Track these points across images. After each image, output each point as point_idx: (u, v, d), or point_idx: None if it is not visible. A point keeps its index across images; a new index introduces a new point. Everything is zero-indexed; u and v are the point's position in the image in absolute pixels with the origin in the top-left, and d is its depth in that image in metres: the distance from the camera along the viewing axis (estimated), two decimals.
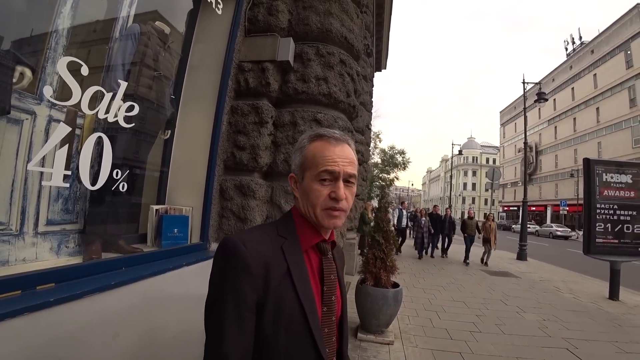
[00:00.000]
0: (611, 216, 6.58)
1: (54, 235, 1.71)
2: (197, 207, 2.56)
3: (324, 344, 0.78)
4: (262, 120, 2.74)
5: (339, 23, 2.93)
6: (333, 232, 0.91)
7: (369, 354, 3.36)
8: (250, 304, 0.73)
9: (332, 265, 0.87)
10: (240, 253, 0.74)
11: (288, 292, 0.76)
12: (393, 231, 4.25)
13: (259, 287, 0.74)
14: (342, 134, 0.87)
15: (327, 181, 0.81)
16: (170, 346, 1.97)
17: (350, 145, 0.87)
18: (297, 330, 0.75)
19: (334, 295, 0.85)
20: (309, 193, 0.82)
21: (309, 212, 0.83)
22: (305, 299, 0.77)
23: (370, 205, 9.70)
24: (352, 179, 0.83)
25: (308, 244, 0.84)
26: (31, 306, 1.20)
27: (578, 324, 4.76)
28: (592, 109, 36.40)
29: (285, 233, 0.84)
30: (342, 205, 0.81)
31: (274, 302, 0.74)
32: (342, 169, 0.81)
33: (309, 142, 0.86)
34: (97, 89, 1.67)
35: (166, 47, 2.30)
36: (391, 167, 26.95)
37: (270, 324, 0.74)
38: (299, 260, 0.81)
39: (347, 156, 0.83)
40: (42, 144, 1.52)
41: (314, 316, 0.77)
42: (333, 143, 0.83)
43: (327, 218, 0.81)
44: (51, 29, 1.58)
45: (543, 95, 13.21)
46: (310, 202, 0.82)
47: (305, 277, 0.80)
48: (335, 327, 0.86)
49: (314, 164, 0.82)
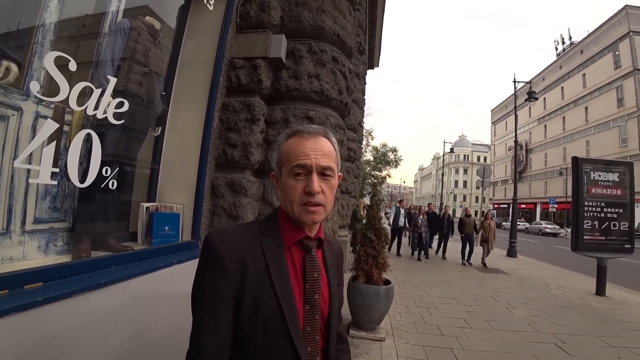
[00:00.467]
0: (598, 214, 6.71)
1: (41, 233, 1.69)
2: (189, 205, 2.54)
3: (302, 342, 0.78)
4: (253, 117, 2.73)
5: (332, 20, 2.92)
6: (321, 229, 0.90)
7: (360, 351, 3.38)
8: (226, 298, 0.75)
9: (315, 263, 0.86)
10: (217, 249, 0.77)
11: (266, 289, 0.77)
12: (386, 229, 4.26)
13: (235, 282, 0.76)
14: (320, 128, 0.87)
15: (302, 175, 0.80)
16: (161, 344, 1.96)
17: (328, 138, 0.86)
18: (274, 327, 0.76)
19: (317, 293, 0.83)
20: (286, 190, 0.82)
21: (289, 209, 0.83)
22: (284, 297, 0.77)
23: (362, 203, 9.73)
24: (327, 171, 0.82)
25: (290, 241, 0.84)
26: (19, 306, 1.18)
27: (566, 319, 4.85)
28: (581, 108, 36.98)
29: (267, 230, 0.85)
30: (318, 199, 0.79)
31: (251, 299, 0.76)
32: (315, 161, 0.80)
33: (285, 140, 0.86)
34: (85, 84, 1.64)
35: (157, 43, 2.27)
36: (383, 165, 27.10)
37: (248, 319, 0.76)
38: (279, 257, 0.81)
39: (321, 149, 0.82)
40: (29, 141, 1.48)
41: (292, 314, 0.77)
42: (306, 137, 0.83)
43: (305, 214, 0.80)
44: (38, 23, 1.54)
45: (533, 94, 13.37)
46: (288, 199, 0.82)
47: (285, 275, 0.80)
48: (320, 326, 0.84)
49: (288, 160, 0.82)
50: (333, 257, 0.97)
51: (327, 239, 0.97)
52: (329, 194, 0.83)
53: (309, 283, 0.83)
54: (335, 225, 3.36)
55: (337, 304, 0.92)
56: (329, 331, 0.87)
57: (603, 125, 33.40)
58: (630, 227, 6.74)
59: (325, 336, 0.87)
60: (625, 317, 5.12)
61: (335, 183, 0.85)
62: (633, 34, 30.09)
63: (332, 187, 0.84)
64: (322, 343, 0.86)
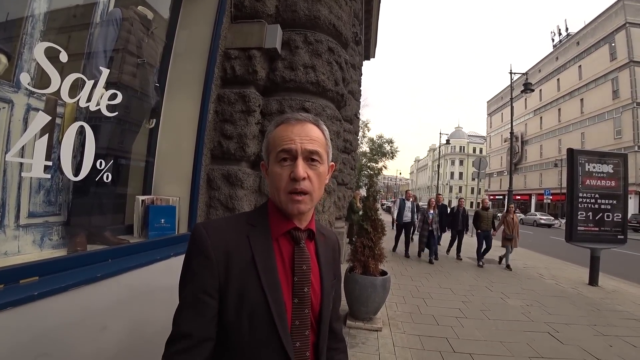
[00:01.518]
0: (592, 205, 6.79)
1: (36, 227, 1.67)
2: (184, 197, 2.53)
3: (288, 336, 0.76)
4: (249, 108, 2.70)
5: (327, 10, 2.88)
6: (312, 221, 0.88)
7: (357, 341, 3.42)
8: (209, 288, 0.75)
9: (304, 255, 0.83)
10: (201, 240, 0.77)
11: (251, 281, 0.76)
12: (382, 220, 4.27)
13: (219, 273, 0.76)
14: (309, 115, 0.85)
15: (288, 161, 0.79)
16: (158, 337, 1.96)
17: (318, 125, 0.85)
18: (260, 319, 0.75)
19: (306, 286, 0.81)
20: (272, 177, 0.81)
21: (276, 198, 0.82)
22: (269, 288, 0.76)
23: (358, 194, 9.75)
24: (314, 156, 0.80)
25: (278, 232, 0.83)
26: (14, 300, 1.17)
27: (559, 309, 4.93)
28: (576, 100, 37.10)
29: (255, 221, 0.83)
30: (303, 186, 0.77)
31: (236, 290, 0.75)
32: (300, 146, 0.78)
33: (274, 127, 0.85)
34: (77, 76, 1.61)
35: (149, 33, 2.23)
36: (379, 156, 27.14)
37: (233, 311, 0.75)
38: (266, 248, 0.80)
39: (308, 134, 0.80)
40: (20, 134, 1.46)
41: (278, 306, 0.76)
42: (293, 123, 0.82)
43: (291, 203, 0.78)
44: (27, 13, 1.51)
45: (529, 85, 13.39)
46: (275, 187, 0.80)
47: (272, 266, 0.78)
48: (310, 320, 0.82)
49: (274, 146, 0.81)
50: (328, 250, 0.94)
51: (322, 232, 0.95)
52: (316, 182, 0.81)
53: (298, 276, 0.81)
54: (332, 217, 3.37)
55: (330, 298, 0.90)
56: (320, 326, 0.85)
57: (598, 117, 33.58)
58: (624, 218, 6.83)
59: (317, 331, 0.85)
60: (617, 307, 5.21)
61: (323, 170, 0.83)
62: (629, 26, 30.07)
63: (320, 174, 0.82)
64: (312, 338, 0.83)
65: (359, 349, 3.24)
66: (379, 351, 3.22)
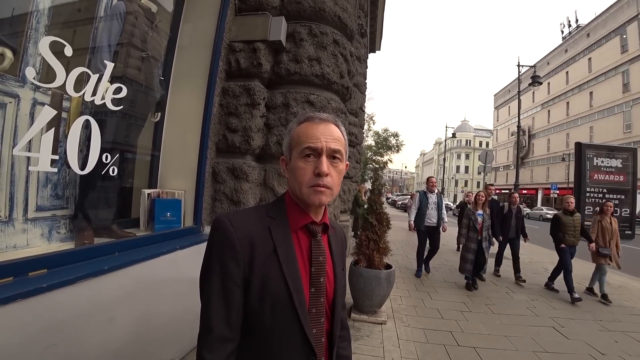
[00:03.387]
0: (600, 200, 6.71)
1: (44, 221, 1.69)
2: (190, 191, 2.55)
3: (309, 322, 0.81)
4: (254, 101, 2.69)
5: (332, 2, 2.85)
6: (326, 215, 0.92)
7: (362, 334, 3.44)
8: (236, 278, 0.78)
9: (321, 247, 0.88)
10: (226, 231, 0.80)
11: (274, 271, 0.79)
12: (388, 214, 4.26)
13: (244, 264, 0.79)
14: (330, 116, 0.89)
15: (311, 157, 0.83)
16: (165, 329, 1.99)
17: (338, 125, 0.89)
18: (282, 307, 0.78)
19: (322, 276, 0.86)
20: (295, 171, 0.84)
21: (297, 191, 0.85)
22: (291, 278, 0.80)
23: (363, 188, 9.73)
24: (337, 154, 0.84)
25: (297, 225, 0.86)
26: (24, 292, 1.19)
27: (565, 304, 4.91)
28: (585, 93, 36.44)
29: (275, 214, 0.87)
30: (326, 182, 0.81)
31: (259, 280, 0.79)
32: (325, 144, 0.82)
33: (296, 125, 0.88)
34: (82, 70, 1.62)
35: (154, 27, 2.23)
36: (385, 150, 26.96)
37: (257, 300, 0.78)
38: (286, 240, 0.84)
39: (332, 134, 0.85)
40: (27, 128, 1.48)
41: (299, 295, 0.79)
42: (317, 122, 0.86)
43: (313, 194, 0.82)
44: (32, 8, 1.51)
45: (537, 78, 13.20)
46: (297, 180, 0.84)
47: (292, 257, 0.82)
48: (325, 309, 0.87)
49: (299, 143, 0.84)
50: (338, 243, 0.99)
51: (332, 225, 0.99)
52: (337, 178, 0.85)
53: (315, 266, 0.85)
54: (336, 210, 3.37)
55: (342, 288, 0.95)
56: (334, 314, 0.90)
57: (607, 110, 32.96)
58: (632, 214, 6.75)
59: (331, 319, 0.90)
60: (623, 302, 5.17)
61: (342, 168, 0.88)
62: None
63: (340, 172, 0.87)
64: (327, 326, 0.88)
65: (363, 342, 3.26)
66: (383, 344, 3.24)
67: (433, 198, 6.14)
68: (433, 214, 6.06)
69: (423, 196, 6.20)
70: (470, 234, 5.47)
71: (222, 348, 0.76)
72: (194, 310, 0.80)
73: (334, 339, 0.90)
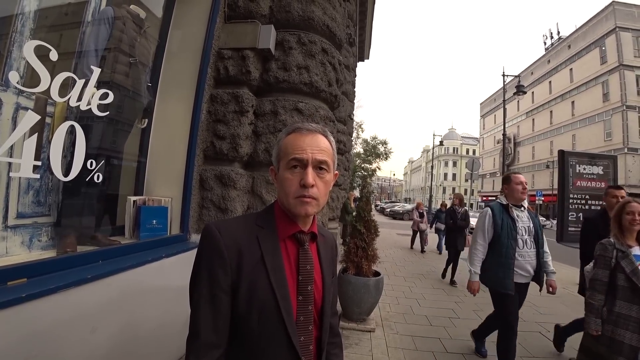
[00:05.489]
0: (583, 206, 6.85)
1: (25, 228, 1.65)
2: (177, 198, 2.52)
3: (295, 330, 0.82)
4: (242, 109, 2.69)
5: (321, 11, 2.89)
6: (314, 224, 0.94)
7: (350, 342, 3.42)
8: (224, 285, 0.80)
9: (308, 256, 0.89)
10: (214, 239, 0.81)
11: (261, 278, 0.81)
12: (376, 222, 4.28)
13: (232, 271, 0.80)
14: (319, 126, 0.91)
15: (298, 168, 0.84)
16: (151, 338, 1.95)
17: (325, 135, 0.91)
18: (269, 314, 0.80)
19: (310, 285, 0.87)
20: (283, 182, 0.86)
21: (284, 202, 0.87)
22: (278, 286, 0.81)
23: (352, 195, 9.76)
24: (323, 165, 0.86)
25: (285, 234, 0.88)
26: (2, 302, 1.16)
27: (551, 309, 4.98)
28: (567, 102, 37.50)
29: (263, 223, 0.89)
30: (311, 193, 0.83)
31: (247, 286, 0.80)
32: (311, 155, 0.84)
33: (285, 135, 0.90)
34: (68, 75, 1.60)
35: (142, 32, 2.22)
36: (373, 157, 27.19)
37: (244, 307, 0.80)
38: (273, 248, 0.85)
39: (318, 145, 0.86)
40: (9, 133, 1.44)
41: (285, 302, 0.81)
42: (304, 133, 0.87)
43: (299, 205, 0.83)
44: (17, 11, 1.49)
45: (522, 87, 13.54)
46: (284, 191, 0.86)
47: (279, 265, 0.84)
48: (313, 316, 0.88)
49: (286, 154, 0.86)
50: (327, 251, 1.00)
51: (322, 233, 1.00)
52: (323, 189, 0.87)
53: (302, 275, 0.86)
54: (325, 218, 3.37)
55: (330, 295, 0.96)
56: (322, 322, 0.91)
57: (589, 119, 33.96)
58: None
59: (319, 326, 0.90)
60: None
61: (329, 179, 0.89)
62: (619, 30, 30.52)
63: (327, 182, 0.88)
64: (315, 333, 0.89)
65: (352, 350, 3.24)
66: (372, 352, 3.23)
67: (523, 218, 3.05)
68: (529, 254, 3.04)
69: (501, 214, 3.01)
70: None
71: (209, 354, 0.77)
72: (181, 319, 0.80)
73: (322, 345, 0.91)
